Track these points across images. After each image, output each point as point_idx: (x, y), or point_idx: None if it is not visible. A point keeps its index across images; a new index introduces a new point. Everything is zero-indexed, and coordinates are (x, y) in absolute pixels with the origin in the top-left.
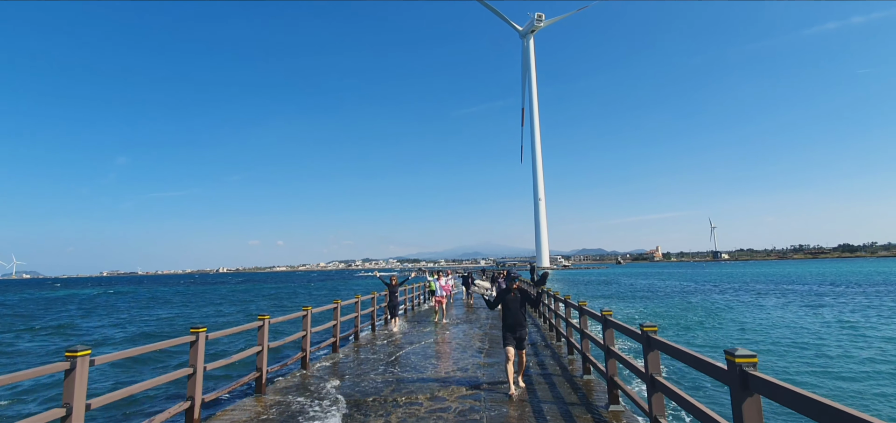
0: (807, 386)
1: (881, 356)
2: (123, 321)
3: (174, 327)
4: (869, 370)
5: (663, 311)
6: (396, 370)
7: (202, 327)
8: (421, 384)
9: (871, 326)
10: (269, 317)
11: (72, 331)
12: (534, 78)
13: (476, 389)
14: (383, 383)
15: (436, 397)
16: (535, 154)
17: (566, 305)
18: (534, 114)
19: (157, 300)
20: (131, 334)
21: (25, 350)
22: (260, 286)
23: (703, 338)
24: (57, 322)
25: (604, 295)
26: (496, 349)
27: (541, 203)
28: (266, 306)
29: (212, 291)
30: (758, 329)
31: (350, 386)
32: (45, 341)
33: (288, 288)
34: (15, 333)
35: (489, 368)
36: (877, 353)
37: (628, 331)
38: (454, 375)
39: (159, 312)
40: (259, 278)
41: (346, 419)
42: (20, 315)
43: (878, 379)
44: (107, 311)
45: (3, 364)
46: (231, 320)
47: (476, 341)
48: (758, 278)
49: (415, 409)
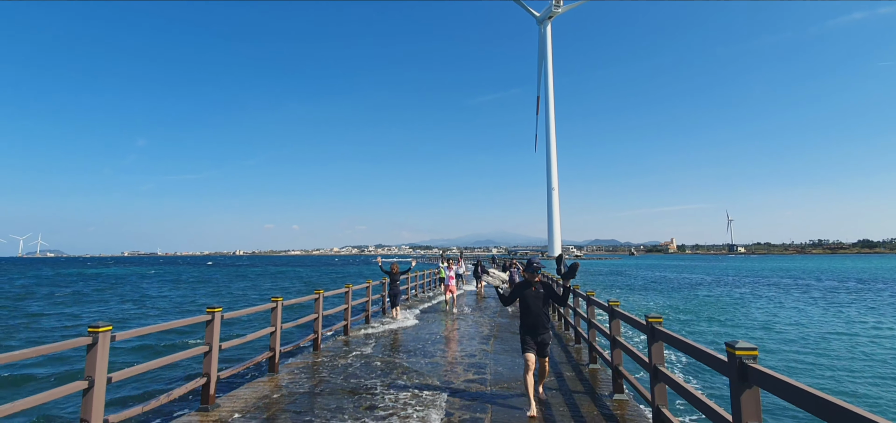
0: (819, 385)
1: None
2: (173, 298)
3: (201, 306)
4: (887, 372)
5: (675, 304)
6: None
7: (218, 308)
8: (426, 374)
9: (889, 326)
10: (281, 299)
11: (147, 305)
12: (550, 66)
13: (482, 385)
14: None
15: (431, 386)
16: (550, 143)
17: (574, 294)
18: (549, 102)
19: (187, 281)
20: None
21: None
22: (277, 269)
23: (714, 332)
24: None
25: (615, 286)
26: (506, 339)
27: (554, 193)
28: (286, 288)
29: (235, 273)
30: (769, 325)
31: (361, 368)
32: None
33: (304, 272)
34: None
35: (496, 355)
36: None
37: (633, 321)
38: (460, 361)
39: (187, 292)
40: (276, 261)
41: (353, 397)
42: (81, 293)
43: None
44: (156, 288)
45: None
46: (250, 302)
47: (484, 329)
48: (775, 272)
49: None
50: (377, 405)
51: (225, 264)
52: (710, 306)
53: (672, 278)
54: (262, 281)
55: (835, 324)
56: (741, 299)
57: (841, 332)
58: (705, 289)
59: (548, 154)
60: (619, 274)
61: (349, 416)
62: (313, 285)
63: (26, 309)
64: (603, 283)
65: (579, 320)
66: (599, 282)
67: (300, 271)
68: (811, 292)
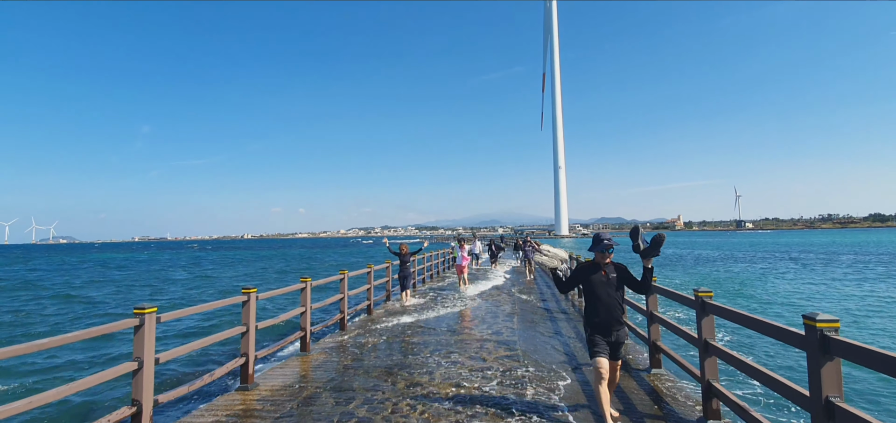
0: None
1: None
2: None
3: (233, 286)
4: None
5: (694, 280)
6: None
7: (253, 288)
8: (455, 350)
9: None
10: (310, 279)
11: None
12: (556, 42)
13: (516, 361)
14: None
15: (464, 362)
16: (556, 121)
17: None
18: (555, 79)
19: (201, 264)
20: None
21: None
22: (288, 252)
23: (749, 307)
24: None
25: (628, 264)
26: (528, 318)
27: (561, 171)
28: (304, 269)
29: (251, 255)
30: (805, 298)
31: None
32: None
33: (313, 254)
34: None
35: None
36: None
37: (681, 297)
38: (488, 338)
39: (208, 272)
40: (283, 244)
41: (388, 374)
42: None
43: None
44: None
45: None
46: (274, 282)
47: (505, 306)
48: (788, 247)
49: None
50: (416, 380)
51: (236, 248)
52: (732, 282)
53: (683, 255)
54: (274, 263)
55: (871, 300)
56: (762, 274)
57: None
58: (722, 265)
59: (554, 132)
60: (630, 251)
61: (388, 393)
62: (327, 267)
63: (74, 294)
64: (618, 260)
65: None
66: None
67: (294, 252)
68: (834, 266)
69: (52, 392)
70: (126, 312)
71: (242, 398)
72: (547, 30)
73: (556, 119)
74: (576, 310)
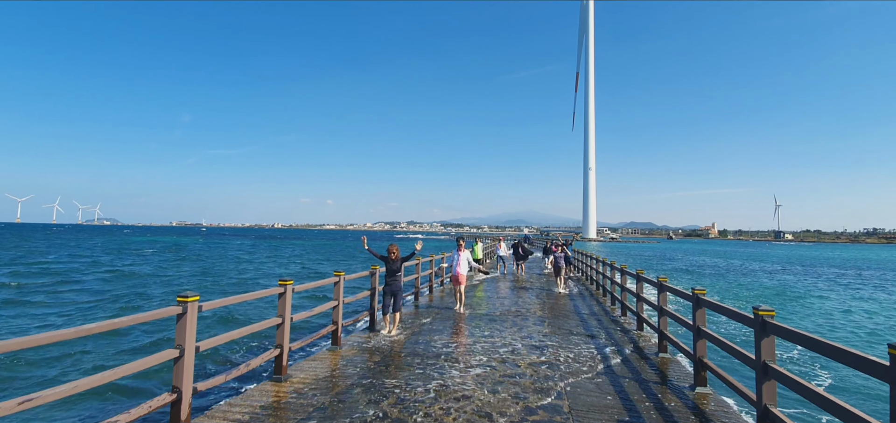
0: None
1: None
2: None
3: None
4: None
5: (736, 293)
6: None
7: (289, 280)
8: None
9: None
10: (344, 273)
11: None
12: (591, 41)
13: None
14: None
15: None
16: (588, 122)
17: (638, 279)
18: (589, 80)
19: (281, 250)
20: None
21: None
22: (319, 243)
23: (813, 329)
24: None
25: (660, 271)
26: (576, 366)
27: (591, 173)
28: (336, 261)
29: (287, 245)
30: (861, 320)
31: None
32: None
33: (342, 245)
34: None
35: None
36: None
37: (737, 315)
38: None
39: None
40: (313, 235)
41: (419, 369)
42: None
43: None
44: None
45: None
46: (307, 274)
47: (531, 346)
48: (835, 262)
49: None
50: (447, 383)
51: (274, 237)
52: (780, 298)
53: (719, 264)
54: (307, 255)
55: None
56: (812, 289)
57: None
58: (766, 277)
59: (585, 133)
60: (664, 258)
61: (421, 391)
62: (364, 261)
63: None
64: (643, 267)
65: (643, 305)
66: (639, 266)
67: (323, 244)
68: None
69: (97, 377)
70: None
71: (276, 389)
72: (582, 29)
73: (589, 120)
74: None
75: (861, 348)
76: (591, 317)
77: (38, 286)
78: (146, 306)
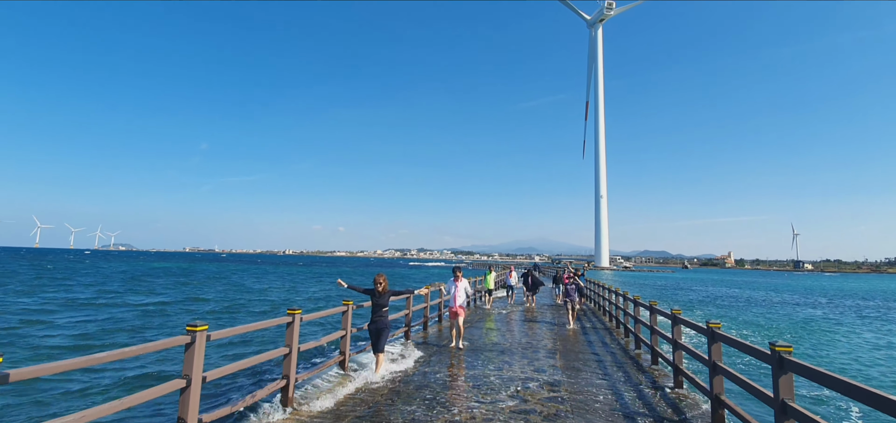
0: None
1: None
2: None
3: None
4: None
5: (756, 325)
6: None
7: (297, 310)
8: (496, 388)
9: None
10: (352, 303)
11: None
12: (600, 70)
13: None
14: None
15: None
16: (599, 150)
17: (652, 311)
18: (599, 108)
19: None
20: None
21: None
22: (331, 270)
23: (848, 368)
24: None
25: (674, 301)
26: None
27: (602, 200)
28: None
29: (306, 271)
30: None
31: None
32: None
33: (358, 272)
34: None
35: None
36: None
37: (752, 350)
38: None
39: (255, 287)
40: (331, 262)
41: (428, 403)
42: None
43: None
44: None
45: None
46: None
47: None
48: (860, 293)
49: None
50: (455, 419)
51: (288, 264)
52: (804, 331)
53: (737, 294)
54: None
55: None
56: (839, 322)
57: None
58: (787, 310)
59: (596, 161)
60: (679, 288)
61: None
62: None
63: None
64: (657, 297)
65: (657, 338)
66: (653, 296)
67: (332, 270)
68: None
69: (106, 406)
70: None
71: (282, 421)
72: (591, 58)
73: (599, 148)
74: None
75: (891, 390)
76: (605, 352)
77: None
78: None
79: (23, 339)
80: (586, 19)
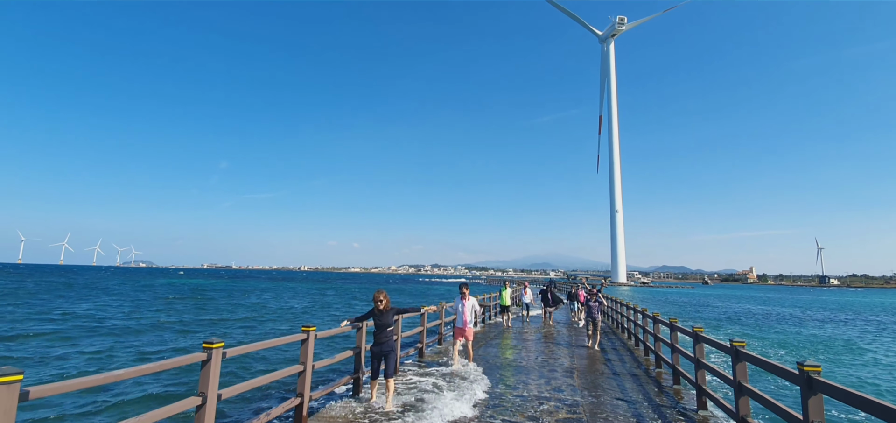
0: None
1: None
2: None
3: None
4: None
5: (786, 345)
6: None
7: (312, 326)
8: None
9: None
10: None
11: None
12: (613, 84)
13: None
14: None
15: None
16: (613, 164)
17: (672, 328)
18: (612, 122)
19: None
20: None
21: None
22: (347, 285)
23: (857, 385)
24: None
25: (696, 318)
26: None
27: (618, 215)
28: (360, 306)
29: (331, 288)
30: None
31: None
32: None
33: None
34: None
35: None
36: None
37: (779, 370)
38: None
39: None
40: (339, 278)
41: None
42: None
43: None
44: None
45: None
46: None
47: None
48: (885, 308)
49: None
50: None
51: (308, 280)
52: (838, 349)
53: (761, 311)
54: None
55: None
56: (875, 340)
57: None
58: (815, 327)
59: (611, 175)
60: (700, 305)
61: None
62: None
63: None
64: (677, 314)
65: (678, 357)
66: (673, 313)
67: (348, 286)
68: None
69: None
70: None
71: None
72: (604, 72)
73: (614, 162)
74: None
75: None
76: (624, 371)
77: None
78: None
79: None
80: (598, 35)
